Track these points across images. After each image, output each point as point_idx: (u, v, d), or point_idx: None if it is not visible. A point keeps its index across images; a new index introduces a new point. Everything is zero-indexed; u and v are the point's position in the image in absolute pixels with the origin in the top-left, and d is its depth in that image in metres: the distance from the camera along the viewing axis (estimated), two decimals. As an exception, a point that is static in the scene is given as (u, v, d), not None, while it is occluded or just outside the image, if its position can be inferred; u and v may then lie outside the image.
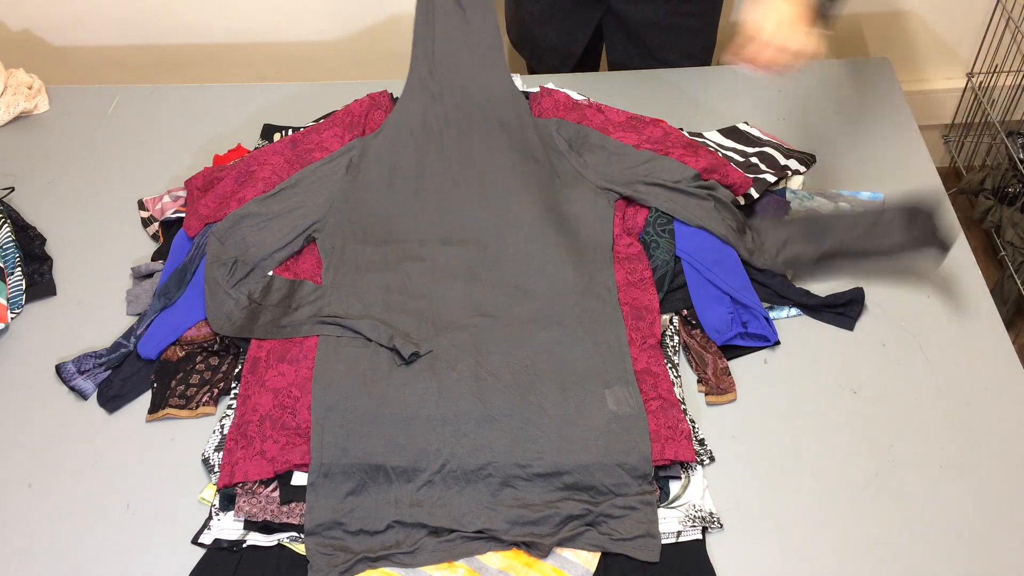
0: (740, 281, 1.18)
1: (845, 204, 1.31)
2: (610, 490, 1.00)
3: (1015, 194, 1.97)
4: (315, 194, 1.27)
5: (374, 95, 1.40)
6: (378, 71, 1.94)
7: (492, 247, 1.22)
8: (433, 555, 0.98)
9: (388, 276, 1.20)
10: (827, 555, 0.97)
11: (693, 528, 0.99)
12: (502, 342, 1.12)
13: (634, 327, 1.14)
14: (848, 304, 1.18)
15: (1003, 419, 1.07)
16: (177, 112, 1.55)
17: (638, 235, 1.23)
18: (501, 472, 1.02)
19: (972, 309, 1.18)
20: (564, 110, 1.37)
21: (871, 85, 1.52)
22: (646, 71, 1.56)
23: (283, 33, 1.89)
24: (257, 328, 1.15)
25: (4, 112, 1.53)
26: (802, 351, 1.15)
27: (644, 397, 1.07)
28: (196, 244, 1.23)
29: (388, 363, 1.10)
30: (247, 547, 0.99)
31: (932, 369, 1.12)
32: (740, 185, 1.27)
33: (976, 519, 0.99)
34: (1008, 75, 1.95)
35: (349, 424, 1.05)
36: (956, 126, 2.12)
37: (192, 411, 1.11)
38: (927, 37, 1.94)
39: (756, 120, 1.46)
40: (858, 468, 1.03)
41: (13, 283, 1.26)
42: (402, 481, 1.02)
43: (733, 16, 1.88)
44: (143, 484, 1.06)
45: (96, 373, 1.15)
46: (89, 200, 1.40)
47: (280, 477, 1.03)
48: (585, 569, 0.96)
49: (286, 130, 1.48)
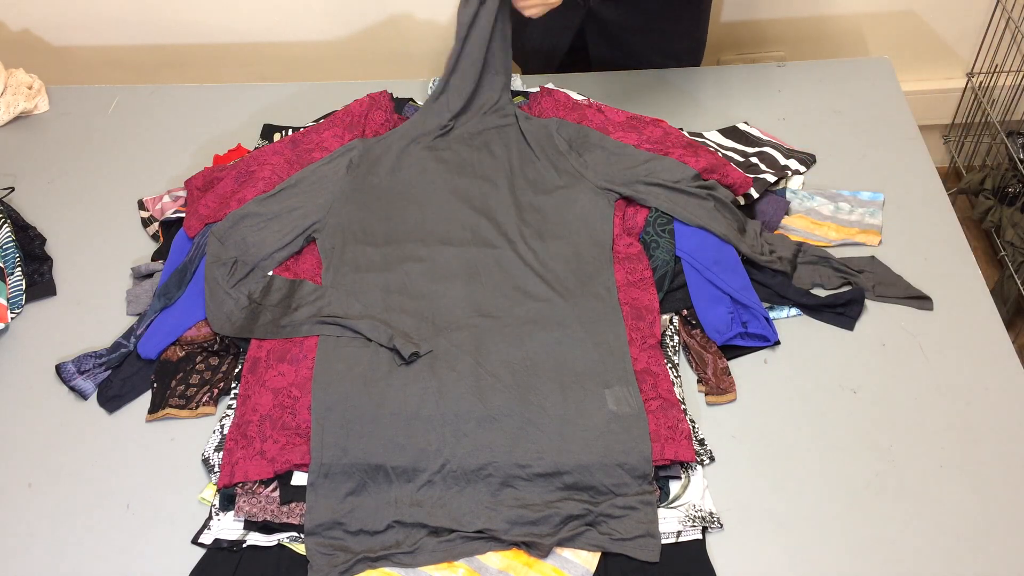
0: (740, 281, 1.18)
1: (845, 204, 1.31)
2: (610, 490, 1.00)
3: (1015, 194, 1.97)
4: (315, 194, 1.27)
5: (374, 95, 1.40)
6: (378, 71, 1.94)
7: (492, 247, 1.22)
8: (433, 555, 0.98)
9: (388, 276, 1.20)
10: (827, 555, 0.97)
11: (693, 528, 0.99)
12: (502, 342, 1.12)
13: (634, 327, 1.14)
14: (848, 304, 1.18)
15: (1003, 419, 1.07)
16: (177, 112, 1.55)
17: (638, 235, 1.23)
18: (501, 472, 1.02)
19: (972, 309, 1.18)
20: (564, 110, 1.37)
21: (871, 85, 1.52)
22: (646, 71, 1.56)
23: (283, 33, 1.89)
24: (257, 328, 1.15)
25: (4, 112, 1.53)
26: (802, 351, 1.15)
27: (644, 397, 1.07)
28: (196, 244, 1.23)
29: (388, 363, 1.10)
30: (247, 547, 0.99)
31: (932, 369, 1.12)
32: (740, 185, 1.27)
33: (976, 519, 0.99)
34: (1008, 75, 1.95)
35: (349, 424, 1.05)
36: (956, 126, 2.12)
37: (192, 411, 1.11)
38: (927, 37, 1.94)
39: (756, 120, 1.46)
40: (858, 468, 1.03)
41: (13, 283, 1.26)
42: (402, 481, 1.02)
43: (726, 17, 1.88)
44: (143, 484, 1.06)
45: (96, 373, 1.15)
46: (89, 200, 1.41)
47: (280, 477, 1.03)
48: (585, 569, 0.96)
49: (286, 130, 1.48)
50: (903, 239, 1.27)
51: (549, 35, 1.54)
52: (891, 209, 1.31)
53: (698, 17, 1.56)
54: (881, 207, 1.31)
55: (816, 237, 1.28)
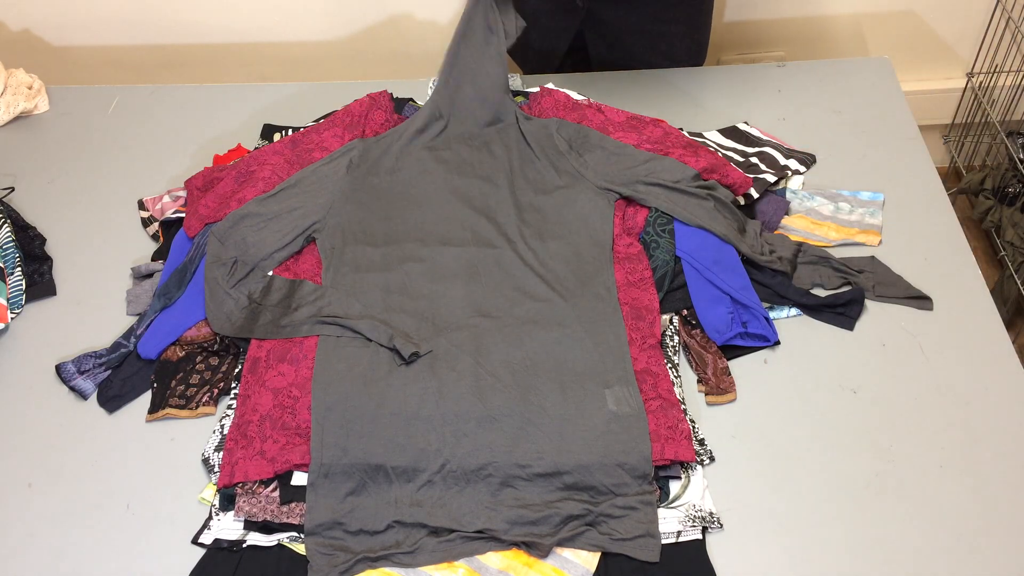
0: (740, 281, 1.18)
1: (845, 204, 1.31)
2: (610, 490, 1.00)
3: (1015, 194, 1.97)
4: (315, 194, 1.27)
5: (374, 95, 1.40)
6: (378, 71, 1.94)
7: (492, 247, 1.22)
8: (433, 555, 0.98)
9: (388, 276, 1.20)
10: (827, 555, 0.97)
11: (693, 528, 0.99)
12: (502, 342, 1.12)
13: (634, 327, 1.14)
14: (848, 304, 1.18)
15: (1003, 419, 1.07)
16: (177, 112, 1.55)
17: (638, 235, 1.23)
18: (501, 472, 1.02)
19: (972, 309, 1.18)
20: (564, 110, 1.37)
21: (871, 85, 1.52)
22: (646, 71, 1.56)
23: (283, 33, 1.89)
24: (257, 328, 1.15)
25: (4, 112, 1.53)
26: (802, 351, 1.15)
27: (644, 397, 1.07)
28: (196, 244, 1.23)
29: (388, 363, 1.10)
30: (247, 547, 0.99)
31: (932, 369, 1.12)
32: (740, 185, 1.27)
33: (976, 519, 0.99)
34: (1008, 75, 1.95)
35: (349, 424, 1.05)
36: (956, 126, 2.12)
37: (192, 411, 1.11)
38: (927, 37, 1.94)
39: (756, 120, 1.46)
40: (858, 468, 1.03)
41: (13, 283, 1.26)
42: (402, 481, 1.02)
43: (726, 17, 1.88)
44: (143, 484, 1.06)
45: (96, 373, 1.15)
46: (89, 200, 1.41)
47: (280, 477, 1.03)
48: (585, 569, 0.96)
49: (286, 130, 1.48)
50: (903, 239, 1.27)
51: (548, 37, 1.54)
52: (891, 209, 1.31)
53: (698, 20, 1.55)
54: (881, 207, 1.31)
55: (816, 237, 1.28)
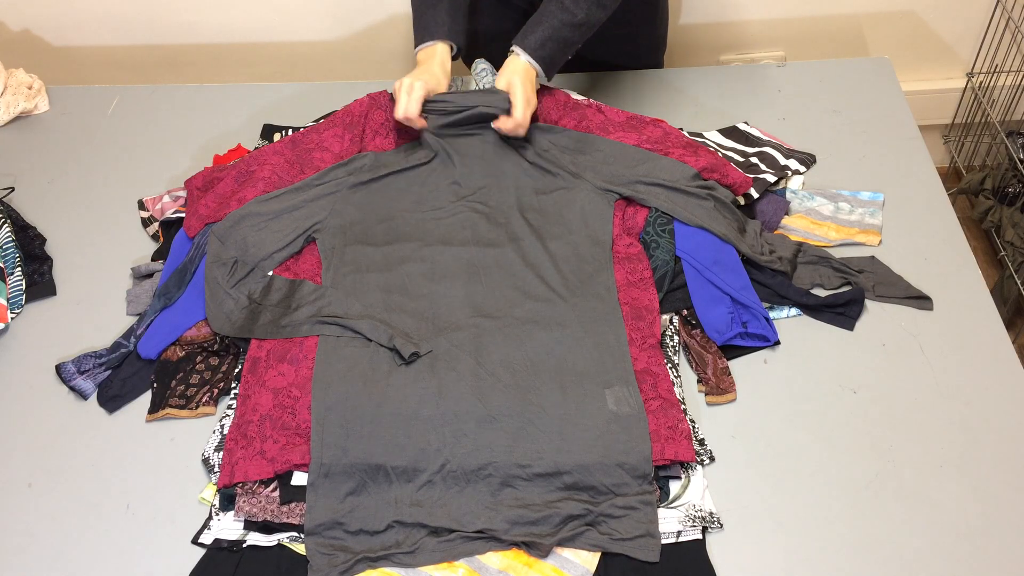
0: (740, 281, 1.18)
1: (845, 204, 1.31)
2: (610, 490, 1.00)
3: (1015, 194, 1.97)
4: (315, 195, 1.27)
5: (374, 95, 1.40)
6: (378, 71, 1.94)
7: (492, 247, 1.22)
8: (433, 555, 0.98)
9: (388, 276, 1.20)
10: (827, 555, 0.97)
11: (693, 528, 0.99)
12: (502, 342, 1.12)
13: (634, 327, 1.14)
14: (848, 304, 1.18)
15: (1003, 419, 1.07)
16: (177, 112, 1.55)
17: (638, 235, 1.23)
18: (501, 472, 1.02)
19: (972, 309, 1.18)
20: (564, 110, 1.37)
21: (871, 85, 1.52)
22: (647, 71, 1.56)
23: (283, 33, 1.89)
24: (257, 328, 1.15)
25: (4, 112, 1.53)
26: (802, 351, 1.15)
27: (644, 397, 1.07)
28: (196, 244, 1.23)
29: (388, 363, 1.10)
30: (247, 547, 0.99)
31: (932, 369, 1.12)
32: (740, 185, 1.27)
33: (976, 519, 0.99)
34: (1008, 75, 1.95)
35: (349, 424, 1.05)
36: (956, 126, 2.12)
37: (192, 411, 1.11)
38: (927, 37, 1.94)
39: (756, 120, 1.46)
40: (858, 468, 1.03)
41: (13, 283, 1.26)
42: (402, 481, 1.02)
43: (724, 17, 1.87)
44: (143, 484, 1.06)
45: (96, 373, 1.15)
46: (89, 200, 1.41)
47: (280, 477, 1.03)
48: (585, 569, 0.96)
49: (286, 130, 1.48)
50: (903, 239, 1.27)
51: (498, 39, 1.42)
52: (891, 209, 1.31)
53: (653, 17, 1.51)
54: (881, 207, 1.31)
55: (816, 237, 1.28)
